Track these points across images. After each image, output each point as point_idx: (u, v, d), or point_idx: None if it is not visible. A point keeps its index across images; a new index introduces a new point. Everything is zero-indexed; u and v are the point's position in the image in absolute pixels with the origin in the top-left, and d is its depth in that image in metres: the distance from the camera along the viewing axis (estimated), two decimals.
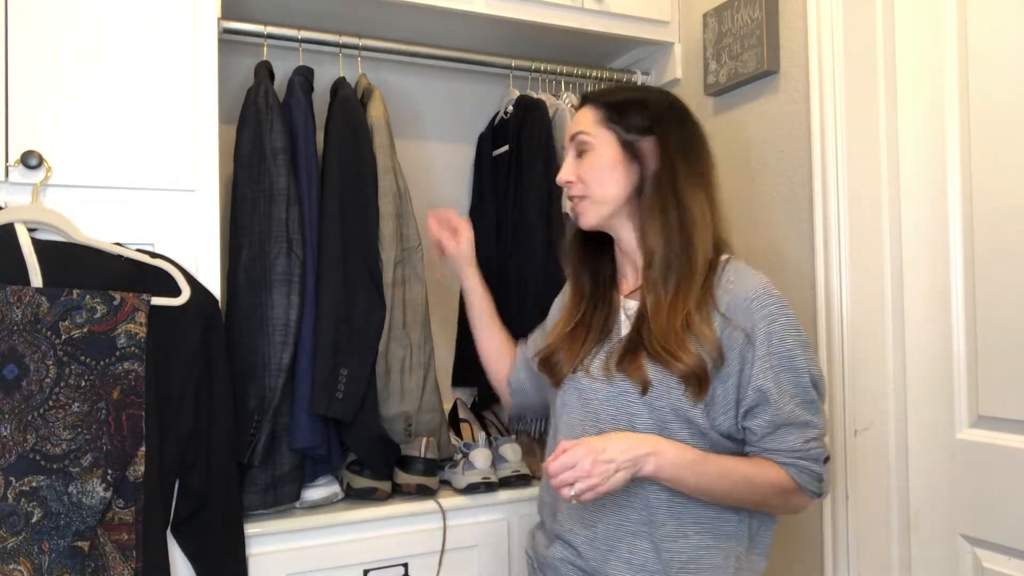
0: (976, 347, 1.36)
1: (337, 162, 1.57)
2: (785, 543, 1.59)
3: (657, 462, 1.05)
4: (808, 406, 1.09)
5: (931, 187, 1.43)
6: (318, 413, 1.47)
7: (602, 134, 1.20)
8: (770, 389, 1.07)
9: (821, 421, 1.11)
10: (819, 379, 1.12)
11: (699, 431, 1.10)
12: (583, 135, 1.21)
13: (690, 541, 1.11)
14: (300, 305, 1.48)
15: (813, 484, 1.10)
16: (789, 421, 1.08)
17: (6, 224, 1.22)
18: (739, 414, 1.10)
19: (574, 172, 1.22)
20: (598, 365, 1.18)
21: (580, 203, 1.22)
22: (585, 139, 1.21)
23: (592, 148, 1.20)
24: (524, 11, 1.74)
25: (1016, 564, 1.29)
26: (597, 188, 1.20)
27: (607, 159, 1.19)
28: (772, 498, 1.11)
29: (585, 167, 1.21)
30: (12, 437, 1.17)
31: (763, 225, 1.65)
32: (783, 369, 1.08)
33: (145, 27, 1.35)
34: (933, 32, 1.42)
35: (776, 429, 1.08)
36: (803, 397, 1.09)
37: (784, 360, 1.08)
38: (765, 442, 1.09)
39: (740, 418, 1.10)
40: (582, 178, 1.21)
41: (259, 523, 1.44)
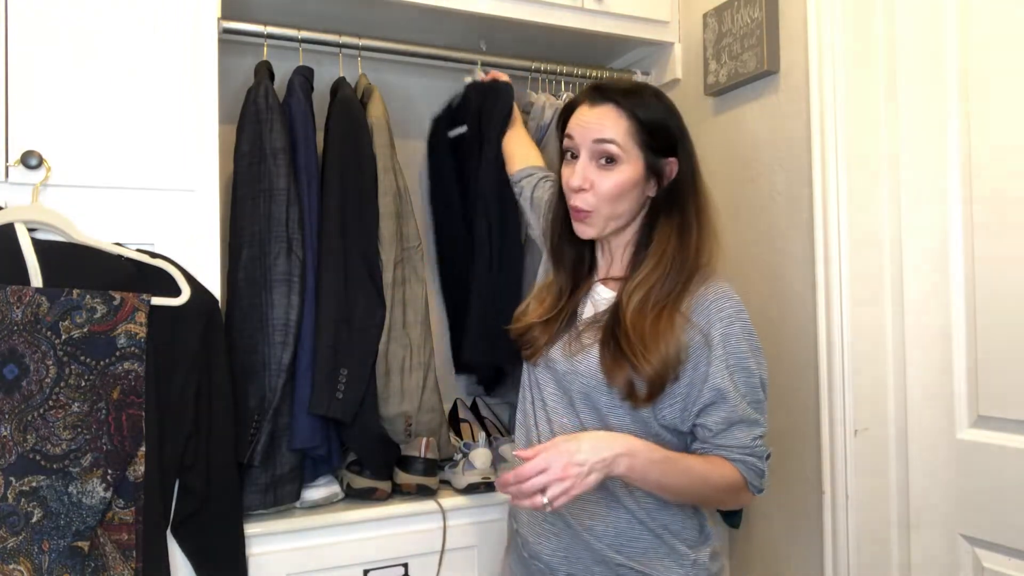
0: (976, 347, 1.36)
1: (337, 162, 1.57)
2: (785, 543, 1.59)
3: (629, 463, 1.05)
4: (757, 406, 1.13)
5: (931, 187, 1.43)
6: (318, 413, 1.47)
7: (632, 151, 1.15)
8: (727, 388, 1.10)
9: (765, 421, 1.15)
10: (766, 382, 1.16)
11: (641, 419, 1.14)
12: (613, 145, 1.14)
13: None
14: (300, 305, 1.48)
15: (756, 480, 1.13)
16: (742, 419, 1.11)
17: (6, 224, 1.22)
18: (693, 412, 1.12)
19: (589, 179, 1.16)
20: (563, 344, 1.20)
21: (586, 216, 1.17)
22: (615, 150, 1.14)
23: (619, 162, 1.14)
24: (524, 11, 1.74)
25: (1016, 564, 1.29)
26: (610, 206, 1.15)
27: (632, 179, 1.15)
28: (724, 494, 1.14)
29: (606, 181, 1.14)
30: (12, 437, 1.17)
31: (763, 225, 1.65)
32: (738, 369, 1.12)
33: (145, 27, 1.35)
34: (933, 32, 1.42)
35: (730, 426, 1.11)
36: (752, 397, 1.13)
37: (739, 360, 1.12)
38: (719, 438, 1.11)
39: (694, 416, 1.12)
40: (597, 190, 1.15)
41: (259, 523, 1.44)
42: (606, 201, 1.15)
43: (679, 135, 1.20)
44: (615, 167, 1.14)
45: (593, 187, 1.15)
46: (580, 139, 1.16)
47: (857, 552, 1.45)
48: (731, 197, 1.74)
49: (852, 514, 1.45)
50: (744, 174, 1.70)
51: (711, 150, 1.81)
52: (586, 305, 1.23)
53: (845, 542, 1.46)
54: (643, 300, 1.13)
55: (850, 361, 1.46)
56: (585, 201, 1.16)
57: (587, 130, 1.15)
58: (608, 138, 1.14)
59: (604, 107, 1.16)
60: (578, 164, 1.16)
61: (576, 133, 1.17)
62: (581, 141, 1.16)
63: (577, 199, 1.17)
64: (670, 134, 1.18)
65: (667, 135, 1.17)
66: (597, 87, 1.20)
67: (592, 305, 1.22)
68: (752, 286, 1.68)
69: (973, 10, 1.36)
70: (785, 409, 1.59)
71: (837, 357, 1.46)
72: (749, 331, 1.14)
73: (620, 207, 1.17)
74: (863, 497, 1.45)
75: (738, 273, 1.72)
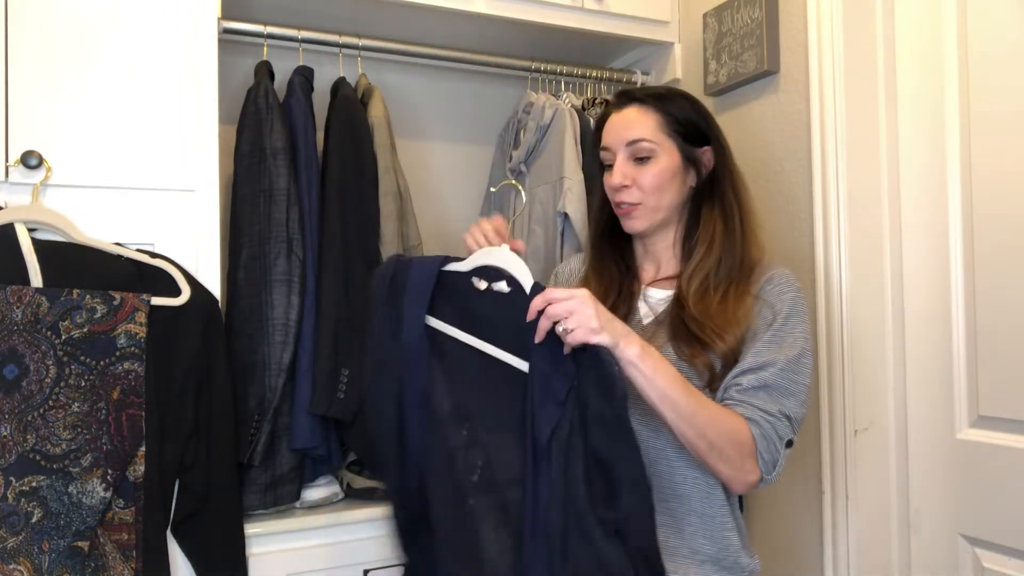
0: (976, 347, 1.36)
1: (337, 162, 1.57)
2: (785, 543, 1.59)
3: (642, 350, 1.02)
4: (795, 385, 1.11)
5: (931, 187, 1.43)
6: (318, 413, 1.47)
7: (665, 142, 1.19)
8: (774, 358, 1.10)
9: (798, 412, 1.12)
10: (808, 374, 1.14)
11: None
12: (646, 142, 1.18)
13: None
14: (300, 305, 1.48)
15: (767, 453, 1.09)
16: (773, 385, 1.09)
17: (6, 224, 1.22)
18: (733, 373, 1.11)
19: (629, 175, 1.20)
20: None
21: (633, 209, 1.20)
22: (649, 146, 1.19)
23: (655, 155, 1.19)
24: (524, 11, 1.74)
25: (1016, 564, 1.30)
26: (655, 196, 1.19)
27: (670, 168, 1.19)
28: (728, 446, 1.07)
29: (646, 174, 1.19)
30: (12, 437, 1.17)
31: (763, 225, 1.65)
32: (788, 346, 1.12)
33: (145, 27, 1.35)
34: (933, 32, 1.42)
35: (759, 388, 1.09)
36: (793, 376, 1.11)
37: (793, 340, 1.12)
38: (744, 395, 1.09)
39: (732, 375, 1.11)
40: (639, 184, 1.19)
41: (259, 523, 1.44)
42: (651, 193, 1.19)
43: (709, 125, 1.23)
44: (652, 161, 1.19)
45: (635, 182, 1.19)
46: (614, 145, 1.21)
47: (857, 552, 1.45)
48: None
49: (852, 514, 1.45)
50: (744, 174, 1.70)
51: None
52: (640, 310, 1.23)
53: (845, 542, 1.46)
54: (703, 284, 1.16)
55: (850, 361, 1.46)
56: (630, 195, 1.19)
57: (618, 135, 1.20)
58: (638, 137, 1.18)
59: (628, 108, 1.21)
60: (616, 164, 1.20)
61: (610, 141, 1.21)
62: (616, 147, 1.21)
63: (622, 195, 1.20)
64: (699, 125, 1.22)
65: (696, 126, 1.22)
66: (621, 93, 1.25)
67: (649, 308, 1.22)
68: None
69: (972, 10, 1.36)
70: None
71: (837, 357, 1.46)
72: (805, 319, 1.16)
73: (664, 198, 1.20)
74: (863, 497, 1.45)
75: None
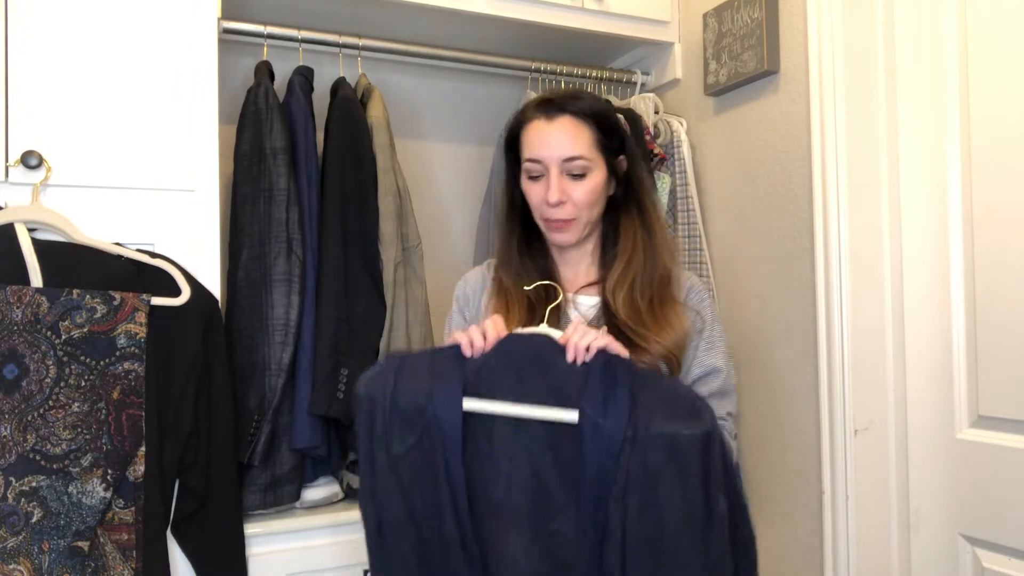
0: (976, 347, 1.36)
1: (337, 162, 1.57)
2: (785, 543, 1.59)
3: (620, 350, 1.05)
4: (733, 391, 1.21)
5: (931, 187, 1.43)
6: (318, 413, 1.47)
7: (597, 158, 1.18)
8: (720, 365, 1.19)
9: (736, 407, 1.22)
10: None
11: None
12: (583, 160, 1.16)
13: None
14: (300, 305, 1.48)
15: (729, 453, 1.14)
16: (722, 391, 1.18)
17: (6, 224, 1.22)
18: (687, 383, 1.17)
19: (565, 192, 1.17)
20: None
21: (567, 225, 1.19)
22: (584, 163, 1.16)
23: (590, 172, 1.17)
24: (524, 11, 1.75)
25: (1016, 564, 1.29)
26: (588, 211, 1.19)
27: (601, 183, 1.19)
28: None
29: (580, 191, 1.17)
30: (12, 437, 1.17)
31: (763, 225, 1.65)
32: (723, 349, 1.21)
33: (145, 27, 1.35)
34: (933, 32, 1.42)
35: (711, 397, 1.15)
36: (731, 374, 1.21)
37: (723, 341, 1.22)
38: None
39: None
40: (574, 201, 1.17)
41: (259, 523, 1.44)
42: (584, 208, 1.18)
43: (624, 135, 1.23)
44: (588, 178, 1.17)
45: (569, 198, 1.17)
46: (548, 159, 1.16)
47: (857, 552, 1.45)
48: (731, 197, 1.74)
49: (852, 514, 1.45)
50: (744, 174, 1.70)
51: (711, 150, 1.81)
52: (572, 318, 1.22)
53: (845, 542, 1.46)
54: (629, 293, 1.18)
55: (850, 361, 1.46)
56: (566, 212, 1.18)
57: (553, 150, 1.16)
58: (576, 155, 1.16)
59: (562, 119, 1.17)
60: (552, 181, 1.16)
61: (543, 155, 1.16)
62: (550, 161, 1.16)
63: (557, 212, 1.18)
64: (619, 130, 1.22)
65: (617, 132, 1.21)
66: (547, 100, 1.20)
67: (581, 315, 1.22)
68: (752, 286, 1.69)
69: (972, 10, 1.36)
70: (785, 409, 1.60)
71: (837, 357, 1.46)
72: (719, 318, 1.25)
73: (595, 211, 1.21)
74: (863, 497, 1.45)
75: (738, 273, 1.73)
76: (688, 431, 0.93)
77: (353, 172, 1.58)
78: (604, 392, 0.95)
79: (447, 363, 1.00)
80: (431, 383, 0.98)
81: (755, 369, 1.67)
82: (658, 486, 0.93)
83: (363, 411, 1.00)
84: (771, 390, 1.63)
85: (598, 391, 0.95)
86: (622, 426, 0.92)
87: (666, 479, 0.92)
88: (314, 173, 1.56)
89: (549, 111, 1.18)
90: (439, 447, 0.96)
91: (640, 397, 0.95)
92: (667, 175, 1.83)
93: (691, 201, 1.79)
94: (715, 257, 1.79)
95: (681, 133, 1.83)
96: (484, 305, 1.26)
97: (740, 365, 1.72)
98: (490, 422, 0.98)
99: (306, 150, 1.55)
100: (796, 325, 1.56)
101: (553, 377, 0.98)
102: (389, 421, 0.98)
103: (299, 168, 1.54)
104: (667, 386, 0.99)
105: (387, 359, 1.05)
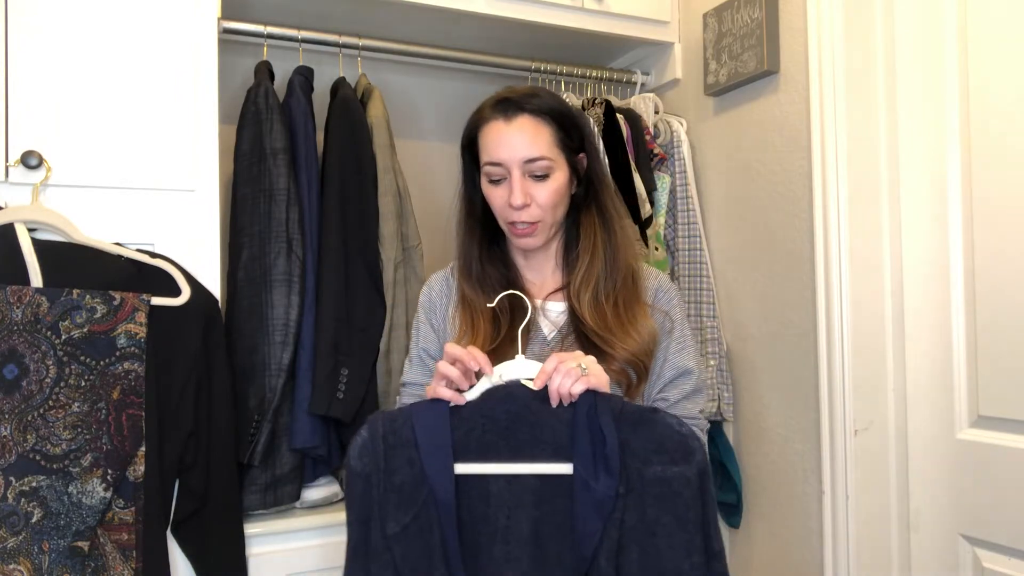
0: (976, 347, 1.36)
1: (337, 162, 1.57)
2: (785, 543, 1.59)
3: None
4: (705, 388, 1.21)
5: (931, 187, 1.43)
6: (318, 413, 1.47)
7: (559, 158, 1.14)
8: (691, 366, 1.18)
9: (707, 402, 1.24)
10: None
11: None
12: (545, 160, 1.12)
13: None
14: (300, 305, 1.48)
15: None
16: (696, 390, 1.17)
17: (6, 224, 1.22)
18: (656, 388, 1.16)
19: (529, 194, 1.13)
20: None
21: (532, 228, 1.15)
22: (547, 164, 1.12)
23: (552, 172, 1.13)
24: (524, 11, 1.75)
25: (1016, 564, 1.29)
26: (551, 213, 1.15)
27: (564, 183, 1.15)
28: None
29: (543, 192, 1.13)
30: (12, 437, 1.17)
31: (763, 225, 1.65)
32: (693, 348, 1.20)
33: (145, 27, 1.35)
34: (933, 32, 1.42)
35: (685, 397, 1.15)
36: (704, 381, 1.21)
37: (692, 339, 1.21)
38: (675, 408, 1.14)
39: (656, 392, 1.16)
40: (538, 203, 1.13)
41: (259, 523, 1.44)
42: (548, 210, 1.14)
43: (585, 132, 1.19)
44: (550, 179, 1.13)
45: (533, 201, 1.13)
46: (509, 161, 1.12)
47: (857, 552, 1.45)
48: (731, 197, 1.74)
49: (852, 514, 1.45)
50: (744, 174, 1.71)
51: (711, 150, 1.81)
52: (542, 326, 1.18)
53: (845, 542, 1.46)
54: (594, 297, 1.15)
55: (850, 361, 1.46)
56: (530, 215, 1.14)
57: (515, 150, 1.12)
58: (538, 155, 1.12)
59: (521, 119, 1.12)
60: (514, 183, 1.12)
61: (504, 157, 1.12)
62: (511, 163, 1.12)
63: (522, 215, 1.14)
64: (579, 126, 1.17)
65: (580, 133, 1.17)
66: (504, 100, 1.15)
67: (551, 323, 1.19)
68: (752, 286, 1.69)
69: (972, 10, 1.36)
70: (785, 409, 1.60)
71: (837, 357, 1.47)
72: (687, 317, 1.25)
73: (559, 212, 1.17)
74: (863, 497, 1.45)
75: (738, 273, 1.73)
76: (684, 474, 0.92)
77: (353, 172, 1.58)
78: (592, 447, 0.93)
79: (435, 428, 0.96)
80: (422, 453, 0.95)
81: (755, 369, 1.67)
82: (656, 535, 0.92)
83: (356, 489, 0.96)
84: (771, 390, 1.64)
85: (586, 446, 0.93)
86: (613, 485, 0.91)
87: (664, 527, 0.92)
88: (314, 173, 1.56)
89: (507, 111, 1.13)
90: (435, 523, 0.93)
91: (631, 441, 0.93)
92: (667, 175, 1.83)
93: (691, 201, 1.79)
94: (715, 257, 1.79)
95: (681, 133, 1.83)
96: (451, 316, 1.22)
97: (740, 365, 1.72)
98: (484, 480, 0.96)
99: (306, 150, 1.55)
100: (796, 325, 1.56)
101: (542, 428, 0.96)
102: (384, 499, 0.95)
103: (299, 168, 1.54)
104: (656, 423, 0.95)
105: (370, 424, 0.98)
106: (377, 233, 1.59)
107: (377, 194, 1.60)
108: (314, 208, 1.54)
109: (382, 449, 0.96)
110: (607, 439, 0.92)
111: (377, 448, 0.96)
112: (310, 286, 1.51)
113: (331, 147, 1.59)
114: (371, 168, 1.61)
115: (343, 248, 1.54)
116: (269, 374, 1.46)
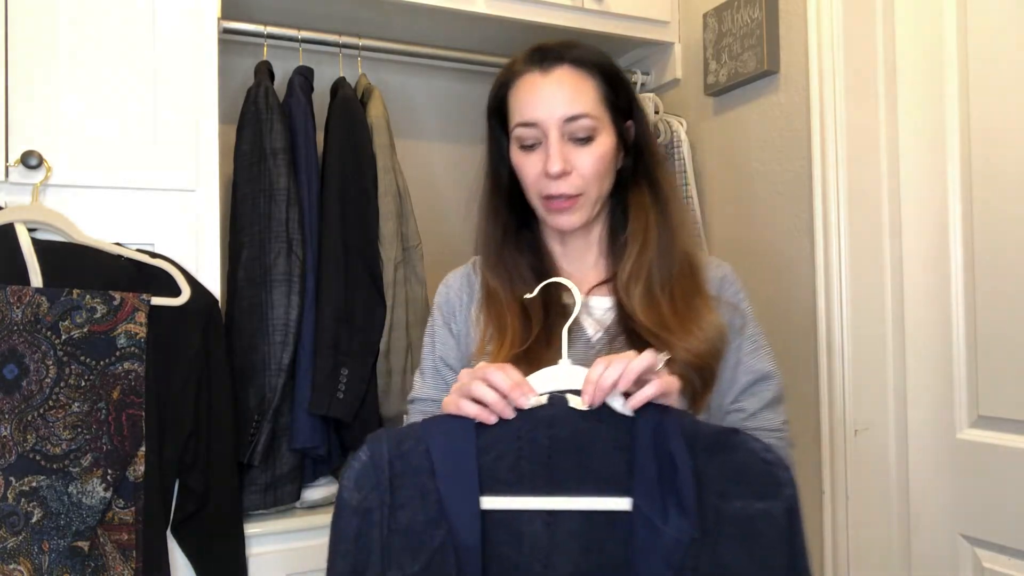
0: (976, 347, 1.36)
1: (337, 162, 1.57)
2: None
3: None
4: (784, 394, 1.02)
5: (931, 187, 1.43)
6: (318, 413, 1.48)
7: (605, 118, 0.96)
8: (770, 368, 1.00)
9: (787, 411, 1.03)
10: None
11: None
12: (588, 119, 0.94)
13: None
14: (300, 305, 1.48)
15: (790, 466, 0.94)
16: (776, 398, 1.00)
17: (6, 224, 1.22)
18: (730, 398, 0.98)
19: (569, 160, 0.94)
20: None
21: (572, 203, 0.96)
22: (591, 123, 0.94)
23: (597, 135, 0.95)
24: (524, 11, 1.74)
25: (1016, 564, 1.29)
26: (597, 185, 0.97)
27: (610, 149, 0.97)
28: None
29: (588, 158, 0.95)
30: (12, 437, 1.17)
31: (763, 225, 1.65)
32: (769, 351, 1.02)
33: (145, 27, 1.35)
34: (933, 32, 1.42)
35: (764, 407, 0.99)
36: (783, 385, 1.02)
37: (767, 345, 1.03)
38: (752, 420, 0.98)
39: (731, 402, 0.99)
40: (580, 172, 0.95)
41: (259, 523, 1.44)
42: (592, 181, 0.96)
43: (631, 87, 1.01)
44: (594, 143, 0.95)
45: (574, 168, 0.95)
46: (546, 121, 0.94)
47: (857, 552, 1.45)
48: (731, 197, 1.74)
49: (852, 514, 1.45)
50: (744, 174, 1.70)
51: (711, 150, 1.81)
52: (586, 327, 0.99)
53: (845, 542, 1.46)
54: (646, 290, 0.96)
55: (850, 361, 1.46)
56: (571, 185, 0.95)
57: (553, 107, 0.94)
58: (580, 112, 0.94)
59: (560, 71, 0.95)
60: (551, 147, 0.94)
61: (540, 116, 0.94)
62: (548, 123, 0.94)
63: (560, 186, 0.95)
64: (627, 87, 1.00)
65: (625, 88, 0.99)
66: (540, 48, 0.97)
67: (595, 322, 0.99)
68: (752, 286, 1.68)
69: (972, 10, 1.36)
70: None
71: (837, 357, 1.46)
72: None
73: (604, 185, 0.98)
74: (863, 497, 1.45)
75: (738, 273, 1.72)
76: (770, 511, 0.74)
77: (353, 172, 1.58)
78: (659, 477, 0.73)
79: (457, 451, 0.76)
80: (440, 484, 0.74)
81: None
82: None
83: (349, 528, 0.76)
84: None
85: (651, 476, 0.73)
86: (688, 528, 0.71)
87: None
88: (314, 173, 1.56)
89: (544, 61, 0.95)
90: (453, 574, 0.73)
91: (706, 471, 0.73)
92: None
93: (691, 201, 1.79)
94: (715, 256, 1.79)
95: (681, 133, 1.83)
96: (475, 317, 1.03)
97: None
98: (516, 520, 0.75)
99: (306, 150, 1.55)
100: (796, 325, 1.56)
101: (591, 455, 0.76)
102: (387, 543, 0.75)
103: (299, 168, 1.54)
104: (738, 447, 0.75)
105: (372, 444, 0.78)
106: (377, 233, 1.59)
107: (377, 194, 1.60)
108: (314, 208, 1.54)
109: (387, 477, 0.75)
110: (679, 468, 0.72)
111: (381, 476, 0.75)
112: (310, 286, 1.51)
113: (331, 147, 1.59)
114: (371, 168, 1.61)
115: (343, 248, 1.54)
116: (269, 374, 1.46)
